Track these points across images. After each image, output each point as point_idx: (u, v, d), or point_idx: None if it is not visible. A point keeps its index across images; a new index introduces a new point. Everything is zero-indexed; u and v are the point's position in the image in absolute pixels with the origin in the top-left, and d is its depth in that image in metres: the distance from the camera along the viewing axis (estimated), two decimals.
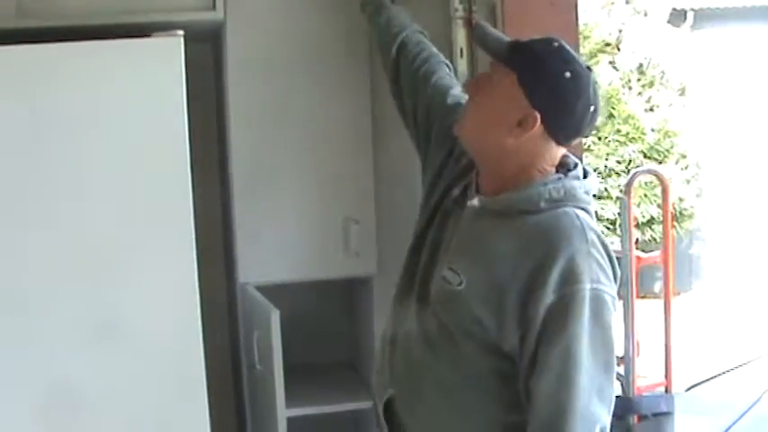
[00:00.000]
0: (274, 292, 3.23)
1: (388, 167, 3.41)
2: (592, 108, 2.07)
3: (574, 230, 1.99)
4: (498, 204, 2.08)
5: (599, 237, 2.02)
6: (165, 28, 2.93)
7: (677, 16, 9.96)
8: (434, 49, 2.64)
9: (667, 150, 9.11)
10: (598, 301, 1.95)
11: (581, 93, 2.04)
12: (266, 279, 3.34)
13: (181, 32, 2.90)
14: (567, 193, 2.04)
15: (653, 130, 9.03)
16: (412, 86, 2.50)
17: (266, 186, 3.34)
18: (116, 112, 2.89)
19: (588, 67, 2.09)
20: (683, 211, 9.24)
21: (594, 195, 2.14)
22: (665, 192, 5.21)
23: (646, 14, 9.47)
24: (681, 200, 9.12)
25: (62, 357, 2.84)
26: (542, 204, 2.03)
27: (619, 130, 8.84)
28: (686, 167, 9.33)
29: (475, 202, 2.12)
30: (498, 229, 2.05)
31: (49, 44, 2.85)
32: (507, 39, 2.11)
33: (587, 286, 1.94)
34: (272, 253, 3.35)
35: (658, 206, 8.49)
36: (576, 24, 3.38)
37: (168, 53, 2.89)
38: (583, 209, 2.06)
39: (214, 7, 3.26)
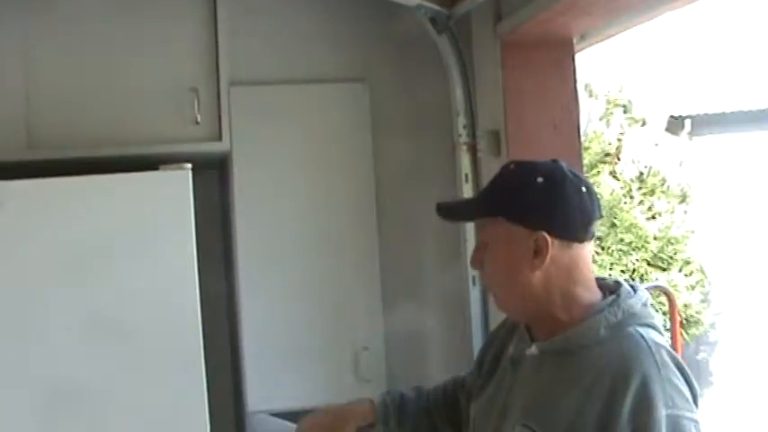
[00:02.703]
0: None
1: (396, 294, 3.42)
2: (584, 189, 1.97)
3: (641, 353, 1.83)
4: (557, 345, 1.95)
5: (670, 354, 1.86)
6: (173, 159, 2.98)
7: (675, 124, 10.06)
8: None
9: (671, 257, 9.11)
10: (675, 429, 1.77)
11: (562, 184, 1.95)
12: (275, 407, 3.31)
13: (189, 166, 2.94)
14: (625, 313, 1.91)
15: (656, 238, 9.03)
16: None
17: (275, 315, 3.35)
18: (126, 243, 2.92)
19: (554, 160, 2.01)
20: (689, 318, 9.19)
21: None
22: (671, 306, 5.20)
23: (644, 123, 9.57)
24: (686, 306, 9.08)
25: None
26: (603, 333, 1.89)
27: (622, 240, 8.85)
28: (690, 274, 9.31)
29: (533, 350, 1.99)
30: (563, 372, 1.91)
31: (61, 178, 2.89)
32: (468, 198, 2.08)
33: (663, 413, 1.76)
34: (282, 382, 3.34)
35: (664, 314, 8.45)
36: (580, 145, 3.42)
37: (177, 185, 2.94)
38: (647, 325, 1.92)
39: (220, 138, 3.31)
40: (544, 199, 1.95)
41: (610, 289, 2.00)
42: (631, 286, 2.00)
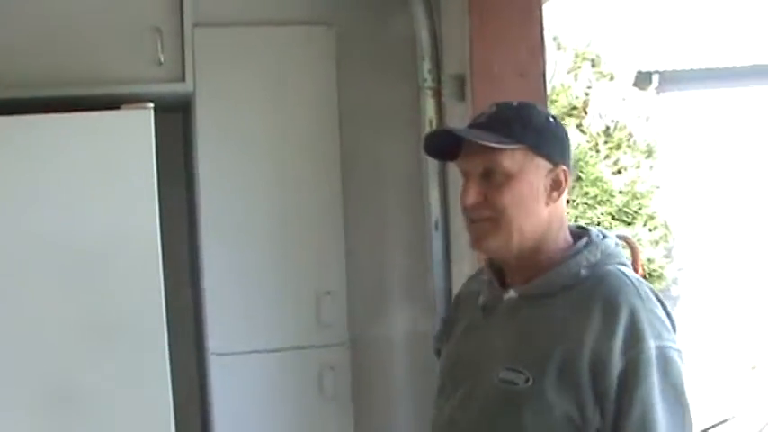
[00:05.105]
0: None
1: (359, 238, 3.43)
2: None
3: (625, 288, 1.88)
4: (539, 288, 1.96)
5: (651, 289, 1.93)
6: (136, 99, 2.95)
7: (642, 79, 10.09)
8: None
9: (635, 212, 9.16)
10: (664, 359, 1.84)
11: (564, 127, 2.03)
12: (237, 349, 3.33)
13: (151, 105, 2.92)
14: (602, 253, 1.95)
15: (621, 193, 9.08)
16: None
17: (237, 258, 3.34)
18: (87, 183, 2.90)
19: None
20: (652, 273, 9.27)
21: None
22: (635, 258, 5.19)
23: (612, 78, 9.59)
24: (650, 261, 9.15)
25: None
26: (583, 272, 1.93)
27: (587, 193, 8.89)
28: (654, 228, 9.38)
29: (512, 293, 2.00)
30: (546, 314, 1.94)
31: (20, 116, 2.86)
32: (469, 127, 2.05)
33: (651, 344, 1.82)
34: (244, 325, 3.34)
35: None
36: (545, 94, 3.42)
37: (138, 125, 2.92)
38: (622, 263, 1.97)
39: (184, 79, 3.28)
40: (561, 136, 1.99)
41: (576, 234, 2.02)
42: (599, 231, 2.03)
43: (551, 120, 2.00)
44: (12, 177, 2.85)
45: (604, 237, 2.01)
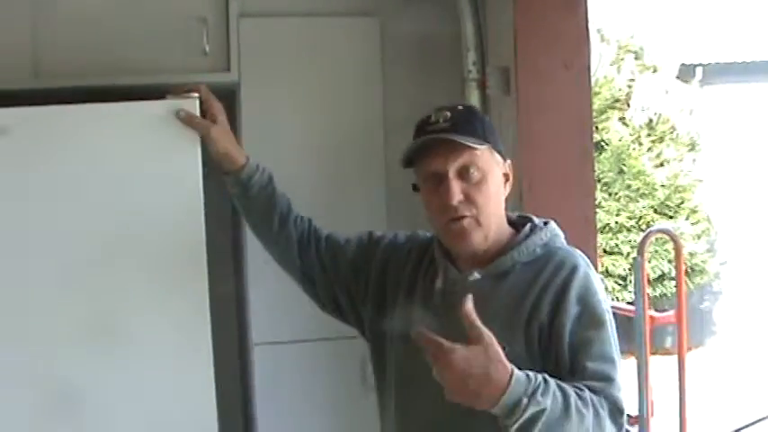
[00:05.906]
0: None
1: (401, 229, 3.41)
2: None
3: (578, 259, 2.17)
4: (502, 267, 2.18)
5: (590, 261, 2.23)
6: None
7: (686, 72, 10.03)
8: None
9: (678, 206, 9.12)
10: (610, 315, 2.14)
11: None
12: (280, 339, 3.34)
13: (196, 95, 2.92)
14: (550, 234, 2.22)
15: (663, 186, 9.04)
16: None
17: None
18: (132, 174, 2.88)
19: None
20: (694, 267, 9.22)
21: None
22: (677, 252, 5.17)
23: (655, 70, 9.54)
24: (692, 255, 9.11)
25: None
26: (538, 251, 2.19)
27: (629, 186, 8.85)
28: (697, 222, 9.33)
29: (476, 275, 2.19)
30: (510, 285, 2.17)
31: (65, 105, 2.86)
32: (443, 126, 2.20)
33: (602, 298, 2.13)
34: (286, 316, 3.34)
35: (669, 262, 8.47)
36: (590, 85, 3.41)
37: None
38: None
39: (229, 69, 3.29)
40: (497, 134, 2.26)
41: (518, 221, 2.27)
42: (539, 219, 2.29)
43: (489, 120, 2.28)
44: (57, 166, 2.85)
45: (546, 222, 2.26)
